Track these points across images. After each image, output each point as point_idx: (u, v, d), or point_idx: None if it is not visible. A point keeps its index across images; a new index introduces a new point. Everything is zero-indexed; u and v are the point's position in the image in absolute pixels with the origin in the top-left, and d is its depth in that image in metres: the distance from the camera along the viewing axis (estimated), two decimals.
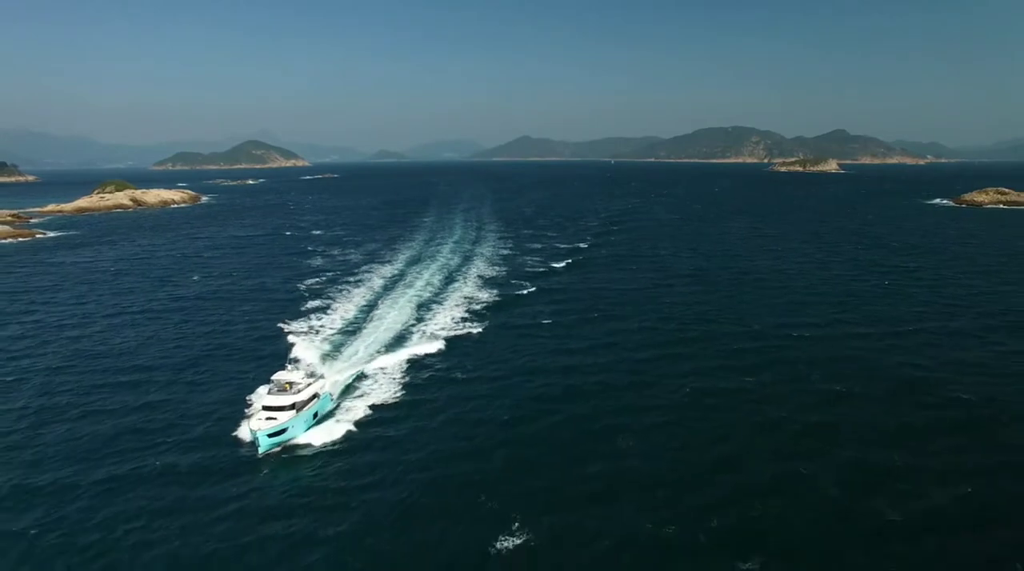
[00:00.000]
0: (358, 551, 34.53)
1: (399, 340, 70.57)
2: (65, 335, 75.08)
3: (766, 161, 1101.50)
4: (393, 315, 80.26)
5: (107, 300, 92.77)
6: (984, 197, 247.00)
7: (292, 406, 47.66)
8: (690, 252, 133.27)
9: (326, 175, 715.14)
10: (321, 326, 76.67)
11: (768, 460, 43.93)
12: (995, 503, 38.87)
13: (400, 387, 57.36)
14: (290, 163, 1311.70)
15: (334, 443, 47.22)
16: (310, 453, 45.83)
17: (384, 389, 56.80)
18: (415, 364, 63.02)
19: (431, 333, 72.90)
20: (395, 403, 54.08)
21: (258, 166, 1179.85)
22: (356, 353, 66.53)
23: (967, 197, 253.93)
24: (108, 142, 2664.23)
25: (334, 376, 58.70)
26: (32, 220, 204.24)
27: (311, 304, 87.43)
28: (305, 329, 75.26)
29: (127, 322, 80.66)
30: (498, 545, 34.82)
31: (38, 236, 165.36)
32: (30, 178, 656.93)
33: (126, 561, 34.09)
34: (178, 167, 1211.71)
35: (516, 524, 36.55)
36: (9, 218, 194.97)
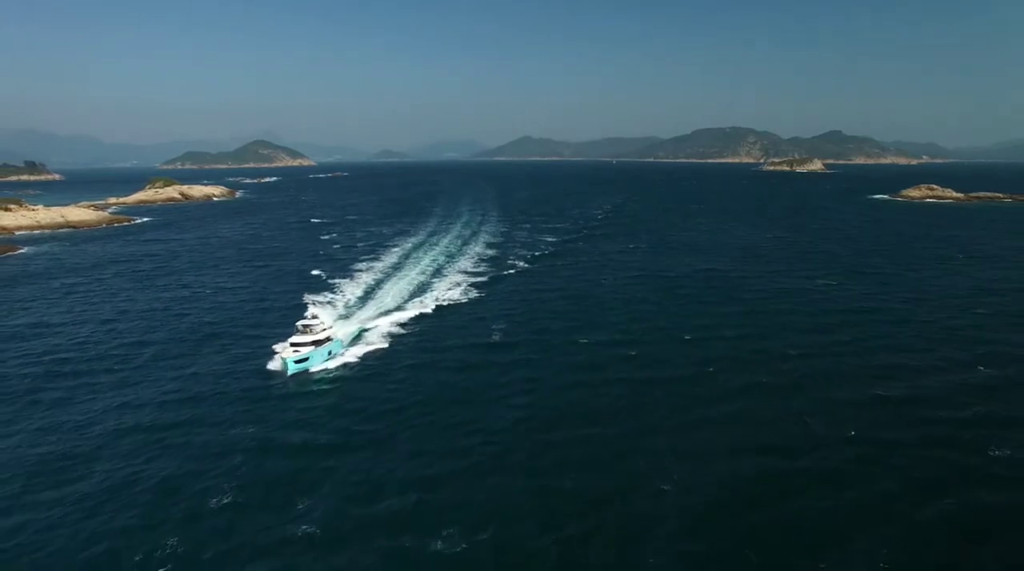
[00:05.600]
0: (351, 434, 50.31)
1: (399, 304, 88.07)
2: (203, 278, 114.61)
3: (761, 161, 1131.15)
4: (398, 284, 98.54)
5: (208, 263, 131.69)
6: (917, 192, 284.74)
7: (313, 343, 63.52)
8: (648, 233, 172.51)
9: (336, 174, 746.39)
10: (340, 288, 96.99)
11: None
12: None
13: (396, 338, 73.77)
14: (296, 162, 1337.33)
15: (342, 371, 63.95)
16: (323, 376, 62.48)
17: (383, 339, 73.02)
18: (409, 322, 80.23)
19: (425, 301, 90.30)
20: (390, 349, 70.22)
21: (265, 165, 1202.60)
22: (364, 311, 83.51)
23: (904, 192, 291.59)
24: (112, 142, 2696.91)
25: (346, 326, 75.10)
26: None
27: (335, 271, 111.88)
28: (328, 289, 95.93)
29: (222, 275, 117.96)
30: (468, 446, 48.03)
31: (134, 221, 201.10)
32: (56, 177, 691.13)
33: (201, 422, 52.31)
34: (187, 166, 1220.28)
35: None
36: (91, 208, 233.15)
